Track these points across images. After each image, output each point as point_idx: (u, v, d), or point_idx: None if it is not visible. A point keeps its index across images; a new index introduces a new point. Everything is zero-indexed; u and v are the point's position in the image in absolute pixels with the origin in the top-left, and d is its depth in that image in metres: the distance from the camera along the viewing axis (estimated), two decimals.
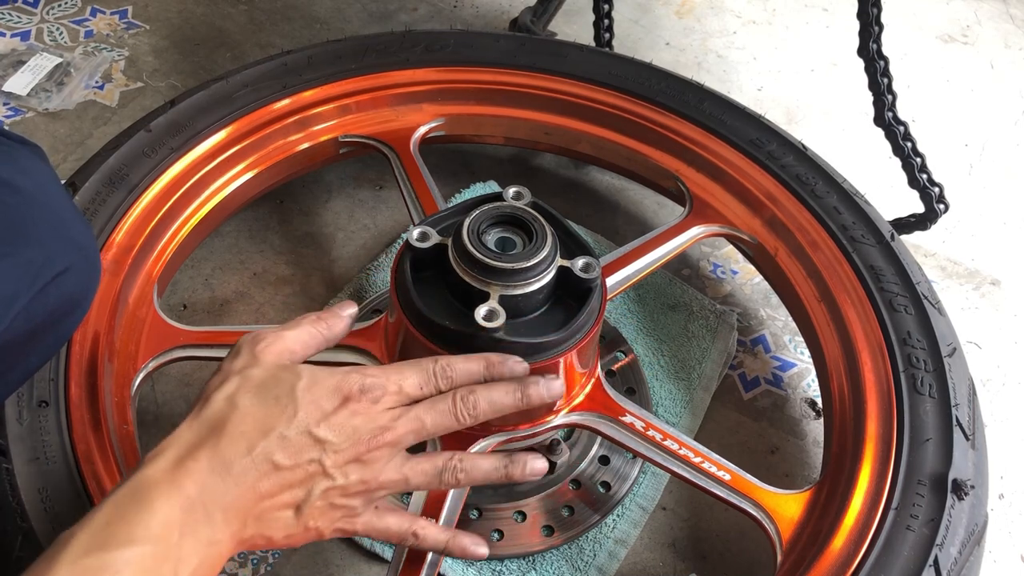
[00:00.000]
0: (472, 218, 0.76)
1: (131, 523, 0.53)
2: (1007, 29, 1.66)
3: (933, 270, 1.23)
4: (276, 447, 0.58)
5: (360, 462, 0.62)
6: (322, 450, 0.60)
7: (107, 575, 0.50)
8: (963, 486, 0.77)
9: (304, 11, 1.49)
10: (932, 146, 1.19)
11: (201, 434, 0.58)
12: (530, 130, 1.13)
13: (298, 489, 0.60)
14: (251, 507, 0.58)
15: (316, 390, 0.61)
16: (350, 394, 0.62)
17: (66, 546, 0.51)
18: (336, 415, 0.61)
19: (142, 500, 0.54)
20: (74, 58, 1.33)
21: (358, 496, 0.62)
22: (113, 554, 0.51)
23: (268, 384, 0.61)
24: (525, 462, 0.69)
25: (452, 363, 0.67)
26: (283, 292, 1.10)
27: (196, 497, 0.55)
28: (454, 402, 0.66)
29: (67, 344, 0.80)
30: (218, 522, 0.56)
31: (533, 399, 0.69)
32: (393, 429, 0.63)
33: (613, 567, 0.89)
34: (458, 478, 0.66)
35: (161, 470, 0.56)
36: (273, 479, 0.58)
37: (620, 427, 0.82)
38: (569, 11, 1.47)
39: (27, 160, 0.65)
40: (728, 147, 1.05)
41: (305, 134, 1.07)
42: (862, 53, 1.09)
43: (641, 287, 1.11)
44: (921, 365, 0.86)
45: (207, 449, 0.57)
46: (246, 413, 0.59)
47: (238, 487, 0.57)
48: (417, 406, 0.65)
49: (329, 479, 0.60)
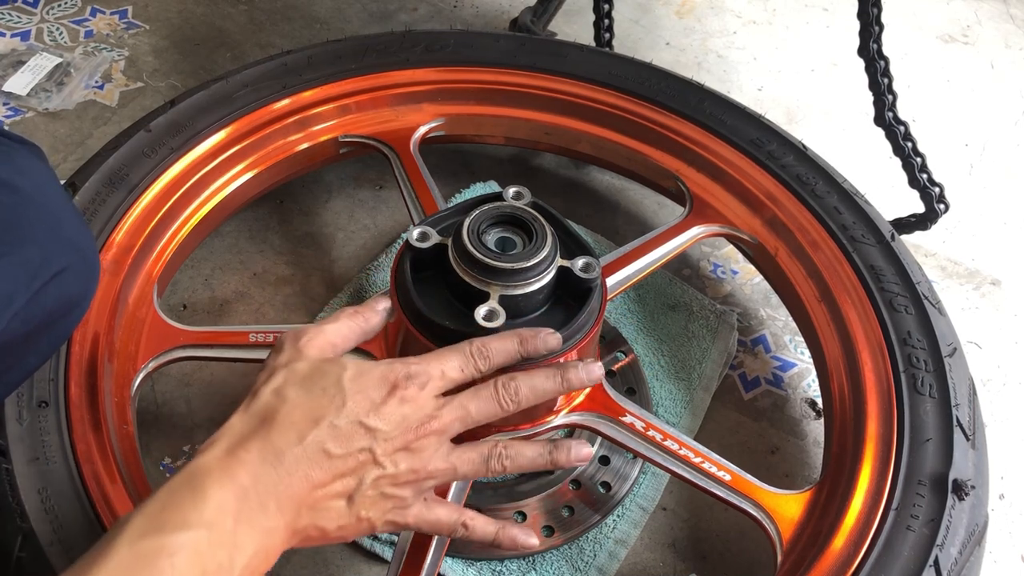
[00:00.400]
0: (472, 218, 0.75)
1: (186, 509, 0.53)
2: (1007, 29, 1.66)
3: (933, 270, 1.23)
4: (327, 436, 0.59)
5: (409, 450, 0.62)
6: (372, 438, 0.61)
7: (163, 557, 0.51)
8: (963, 486, 0.77)
9: (304, 11, 1.49)
10: (932, 146, 1.19)
11: (252, 425, 0.59)
12: (530, 130, 1.13)
13: (350, 478, 0.60)
14: (304, 496, 0.58)
15: (363, 380, 0.62)
16: (397, 383, 0.62)
17: (123, 529, 0.52)
18: (385, 404, 0.62)
19: (196, 487, 0.55)
20: (74, 58, 1.33)
21: (408, 486, 0.63)
22: (169, 537, 0.52)
23: (314, 376, 0.62)
24: (570, 447, 0.69)
25: (488, 343, 0.68)
26: (283, 292, 1.10)
27: (250, 486, 0.56)
28: (496, 389, 0.66)
29: (67, 344, 0.80)
30: (272, 511, 0.57)
31: (574, 383, 0.69)
32: (439, 417, 0.63)
33: (613, 567, 0.89)
34: (504, 465, 0.67)
35: (214, 458, 0.57)
36: (325, 467, 0.59)
37: (620, 427, 0.82)
38: (569, 11, 1.47)
39: (25, 160, 0.65)
40: (728, 147, 1.05)
41: (305, 134, 1.07)
42: (862, 53, 1.09)
43: (641, 287, 1.11)
44: (921, 365, 0.86)
45: (258, 440, 0.58)
46: (295, 404, 0.60)
47: (290, 476, 0.58)
48: (460, 395, 0.65)
49: (379, 467, 0.61)
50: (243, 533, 0.55)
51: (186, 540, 0.52)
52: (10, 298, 0.58)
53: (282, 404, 0.60)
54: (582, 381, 0.70)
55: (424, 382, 0.63)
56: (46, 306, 0.62)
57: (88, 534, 0.70)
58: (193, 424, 0.97)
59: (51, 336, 0.66)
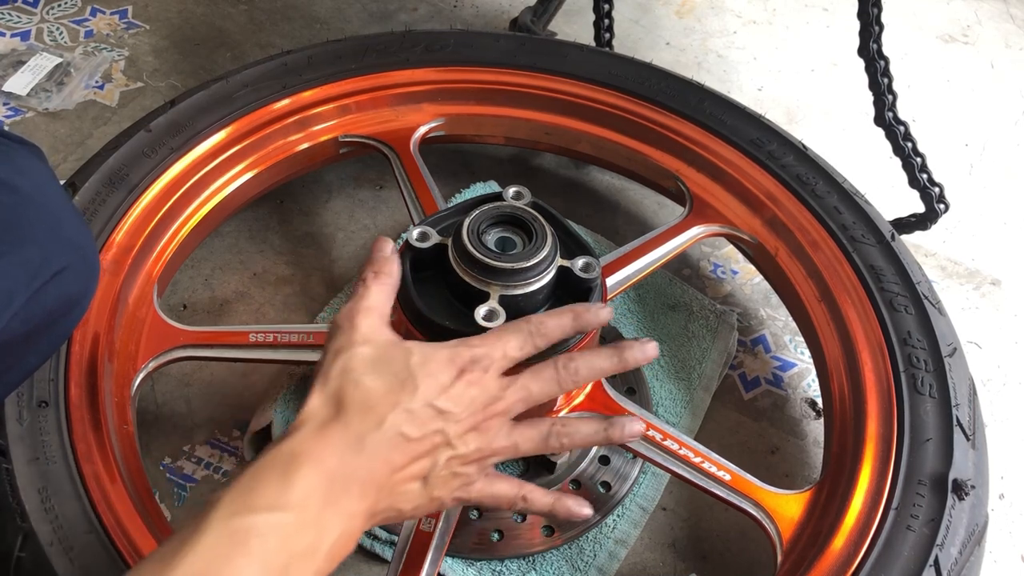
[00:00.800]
0: (472, 218, 0.75)
1: (274, 490, 0.55)
2: (1007, 29, 1.66)
3: (933, 270, 1.23)
4: (404, 420, 0.61)
5: (477, 431, 0.64)
6: (444, 420, 0.62)
7: (253, 536, 0.52)
8: (963, 486, 0.77)
9: (304, 11, 1.49)
10: (932, 146, 1.18)
11: (330, 411, 0.60)
12: (530, 130, 1.13)
13: (425, 460, 0.62)
14: (384, 480, 0.60)
15: (430, 365, 0.63)
16: (464, 366, 0.64)
17: (214, 508, 0.53)
18: (454, 387, 0.63)
19: (284, 470, 0.56)
20: (74, 58, 1.33)
21: (474, 464, 0.65)
22: (259, 517, 0.53)
23: (383, 361, 0.63)
24: (624, 424, 0.70)
25: (544, 320, 0.69)
26: (283, 292, 1.10)
27: (336, 470, 0.57)
28: (556, 369, 0.68)
29: (67, 344, 0.80)
30: (355, 495, 0.58)
31: (630, 362, 0.70)
32: (504, 398, 0.65)
33: (613, 567, 0.89)
34: (563, 443, 0.68)
35: (301, 442, 0.58)
36: (404, 451, 0.60)
37: None
38: (569, 11, 1.47)
39: (25, 160, 0.65)
40: (728, 147, 1.05)
41: (305, 134, 1.07)
42: (862, 53, 1.09)
43: (641, 287, 1.11)
44: (921, 365, 0.86)
45: (339, 425, 0.59)
46: (369, 390, 0.61)
47: (372, 461, 0.59)
48: (522, 375, 0.67)
49: (451, 448, 0.63)
50: (329, 516, 0.56)
51: (275, 521, 0.53)
52: (10, 297, 0.58)
53: (356, 390, 0.61)
54: (637, 360, 0.71)
55: (488, 364, 0.65)
56: (46, 306, 0.62)
57: (88, 534, 0.70)
58: (193, 424, 0.97)
59: (51, 336, 0.66)
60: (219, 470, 0.94)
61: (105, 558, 0.69)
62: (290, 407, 0.94)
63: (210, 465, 0.94)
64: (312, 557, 0.55)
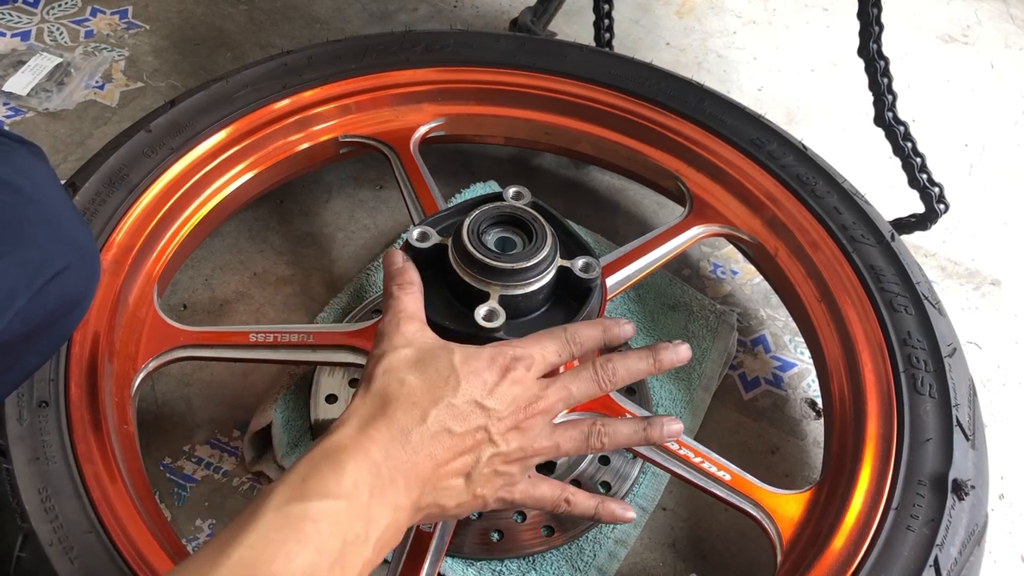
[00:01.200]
0: (472, 218, 0.76)
1: (326, 480, 0.56)
2: (1007, 29, 1.66)
3: (933, 270, 1.23)
4: (447, 415, 0.62)
5: (519, 429, 0.65)
6: (487, 417, 0.63)
7: (307, 522, 0.54)
8: (963, 486, 0.77)
9: (304, 11, 1.49)
10: (932, 146, 1.18)
11: (375, 407, 0.62)
12: (530, 130, 1.13)
13: (468, 456, 0.63)
14: (429, 474, 0.61)
15: (473, 363, 0.65)
16: (507, 364, 0.65)
17: (269, 497, 0.55)
18: (498, 385, 0.64)
19: (334, 461, 0.58)
20: (74, 58, 1.33)
21: (516, 463, 0.66)
22: (313, 504, 0.55)
23: (427, 359, 0.65)
24: (662, 424, 0.72)
25: (579, 329, 0.70)
26: (283, 292, 1.10)
27: (382, 462, 0.59)
28: (595, 370, 0.69)
29: (67, 344, 0.80)
30: (401, 488, 0.59)
31: (664, 364, 0.72)
32: (545, 398, 0.66)
33: (613, 567, 0.89)
34: (603, 442, 0.69)
35: (347, 436, 0.60)
36: (447, 446, 0.62)
37: None
38: (569, 11, 1.47)
39: (25, 160, 0.65)
40: (728, 147, 1.05)
41: (305, 134, 1.07)
42: (862, 53, 1.09)
43: (641, 287, 1.11)
44: (921, 365, 0.86)
45: (384, 419, 0.61)
46: (413, 387, 0.63)
47: (416, 454, 0.60)
48: (562, 376, 0.68)
49: (494, 446, 0.64)
50: (376, 507, 0.57)
51: (327, 508, 0.55)
52: (11, 298, 0.58)
53: (400, 387, 0.63)
54: (672, 362, 0.72)
55: (529, 364, 0.66)
56: (46, 306, 0.62)
57: (88, 534, 0.70)
58: (193, 424, 0.97)
59: (51, 336, 0.66)
60: (219, 470, 0.94)
61: (105, 558, 0.69)
62: (290, 407, 0.94)
63: (210, 465, 0.94)
64: (363, 545, 0.56)
